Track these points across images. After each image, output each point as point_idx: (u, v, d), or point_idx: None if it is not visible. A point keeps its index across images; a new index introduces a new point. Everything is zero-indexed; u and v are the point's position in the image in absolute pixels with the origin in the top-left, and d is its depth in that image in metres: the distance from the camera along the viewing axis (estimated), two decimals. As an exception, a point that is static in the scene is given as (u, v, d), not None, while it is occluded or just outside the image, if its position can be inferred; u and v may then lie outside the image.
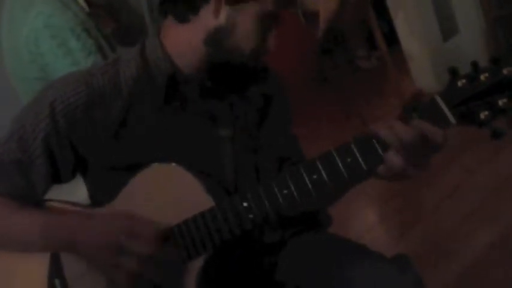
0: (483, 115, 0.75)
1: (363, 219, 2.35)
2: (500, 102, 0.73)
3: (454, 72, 0.76)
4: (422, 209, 2.18)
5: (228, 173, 0.98)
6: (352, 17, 3.47)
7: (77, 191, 0.98)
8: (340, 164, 0.81)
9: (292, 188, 0.83)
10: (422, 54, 3.08)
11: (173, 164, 0.90)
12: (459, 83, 0.76)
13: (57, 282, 0.92)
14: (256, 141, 1.03)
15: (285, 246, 1.04)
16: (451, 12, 3.09)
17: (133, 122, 0.94)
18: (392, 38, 3.50)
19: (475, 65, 0.75)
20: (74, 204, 0.96)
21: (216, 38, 0.92)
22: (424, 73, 3.07)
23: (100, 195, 0.96)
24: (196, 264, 0.89)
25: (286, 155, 1.06)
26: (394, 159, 0.78)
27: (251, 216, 0.85)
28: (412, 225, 2.08)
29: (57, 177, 0.96)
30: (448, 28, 3.08)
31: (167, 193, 0.91)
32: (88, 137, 0.93)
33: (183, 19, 0.93)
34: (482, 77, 0.74)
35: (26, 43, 1.44)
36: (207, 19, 0.91)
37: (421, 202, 2.23)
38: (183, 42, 0.95)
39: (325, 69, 3.51)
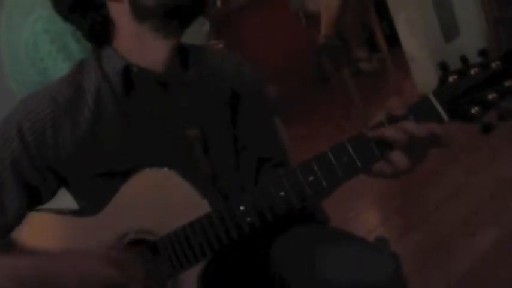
0: (474, 110, 0.75)
1: (364, 220, 2.34)
2: (490, 97, 0.74)
3: (444, 68, 0.77)
4: (423, 210, 2.18)
5: (203, 173, 0.97)
6: (353, 19, 3.47)
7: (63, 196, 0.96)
8: (335, 164, 0.81)
9: (289, 190, 0.83)
10: (424, 56, 3.07)
11: (166, 169, 0.89)
12: (450, 79, 0.76)
13: None
14: (235, 140, 1.01)
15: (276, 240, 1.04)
16: (452, 13, 3.09)
17: (103, 129, 0.93)
18: (393, 39, 3.51)
19: (464, 60, 0.75)
20: (60, 212, 0.94)
21: (137, 4, 0.91)
22: (425, 75, 3.07)
23: (89, 205, 0.94)
24: (196, 271, 0.89)
25: (266, 156, 1.05)
26: (401, 159, 0.78)
27: (248, 219, 0.85)
28: (414, 227, 2.08)
29: (33, 201, 0.94)
30: (449, 30, 3.08)
31: (161, 199, 0.89)
32: (61, 153, 0.91)
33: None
34: (472, 72, 0.75)
35: (25, 47, 1.44)
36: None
37: (422, 203, 2.23)
38: (123, 34, 0.94)
39: (326, 70, 3.51)
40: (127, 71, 0.93)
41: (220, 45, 2.17)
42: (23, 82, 1.50)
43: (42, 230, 0.93)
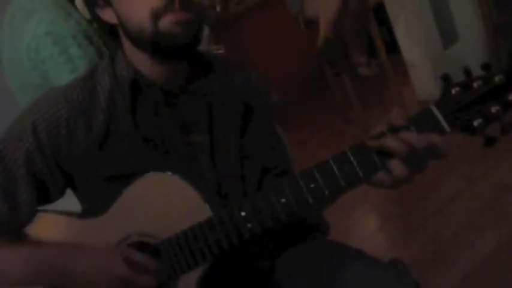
0: (476, 123, 0.75)
1: (364, 226, 2.34)
2: (493, 110, 0.73)
3: (447, 80, 0.77)
4: (423, 216, 2.18)
5: (208, 179, 0.98)
6: (353, 24, 3.47)
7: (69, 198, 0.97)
8: (337, 173, 0.80)
9: (290, 197, 0.83)
10: (423, 61, 3.08)
11: (169, 173, 0.90)
12: (453, 91, 0.76)
13: None
14: (242, 149, 1.02)
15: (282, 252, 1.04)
16: (451, 19, 3.10)
17: (115, 133, 0.95)
18: (392, 45, 3.52)
19: (467, 72, 0.75)
20: (66, 213, 0.95)
21: (124, 28, 0.94)
22: (424, 81, 3.08)
23: (93, 207, 0.95)
24: (196, 275, 0.90)
25: (269, 165, 1.05)
26: (399, 167, 0.78)
27: (249, 225, 0.85)
28: (413, 233, 2.08)
29: (43, 198, 0.95)
30: (448, 36, 3.09)
31: (163, 203, 0.90)
32: (73, 153, 0.93)
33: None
34: (475, 85, 0.74)
35: (27, 50, 1.44)
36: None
37: (422, 209, 2.23)
38: (127, 48, 0.97)
39: (326, 76, 3.52)
40: (135, 80, 0.96)
41: (221, 51, 2.18)
42: (24, 84, 1.50)
43: (47, 229, 0.95)
